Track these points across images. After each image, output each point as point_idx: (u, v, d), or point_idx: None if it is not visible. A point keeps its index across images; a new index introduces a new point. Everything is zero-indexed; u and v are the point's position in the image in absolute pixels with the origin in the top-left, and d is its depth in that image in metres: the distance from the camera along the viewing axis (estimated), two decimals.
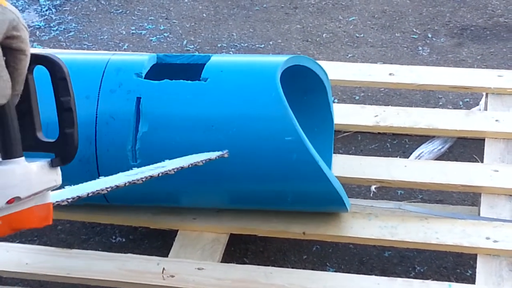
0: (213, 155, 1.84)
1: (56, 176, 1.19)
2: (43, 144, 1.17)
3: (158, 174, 1.67)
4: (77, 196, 1.47)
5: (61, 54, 2.26)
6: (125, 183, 1.60)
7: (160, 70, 2.01)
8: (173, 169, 1.71)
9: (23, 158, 1.14)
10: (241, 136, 1.89)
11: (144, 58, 2.03)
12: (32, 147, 1.17)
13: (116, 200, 2.05)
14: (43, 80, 1.19)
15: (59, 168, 1.19)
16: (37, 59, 1.14)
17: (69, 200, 1.45)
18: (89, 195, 1.52)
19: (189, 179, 1.91)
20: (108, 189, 1.56)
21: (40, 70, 1.18)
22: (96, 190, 1.53)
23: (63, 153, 1.17)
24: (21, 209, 1.15)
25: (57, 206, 1.44)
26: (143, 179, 1.63)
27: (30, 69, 1.13)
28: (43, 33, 3.57)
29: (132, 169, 1.74)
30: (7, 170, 1.12)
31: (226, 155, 1.87)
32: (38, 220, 1.19)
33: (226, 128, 1.89)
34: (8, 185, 1.12)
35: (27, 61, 1.11)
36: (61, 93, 1.16)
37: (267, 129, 1.88)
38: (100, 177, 1.70)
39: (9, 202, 1.12)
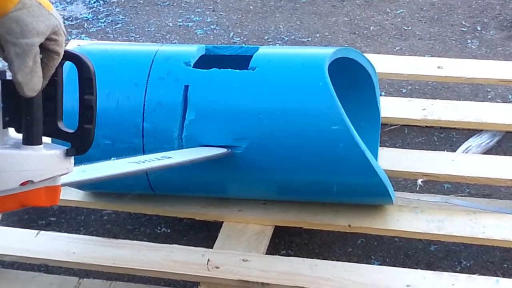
0: (215, 151, 1.88)
1: (69, 164, 1.26)
2: (62, 133, 1.24)
3: (160, 166, 1.76)
4: (80, 180, 1.61)
5: (111, 45, 2.30)
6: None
7: (208, 62, 2.02)
8: (176, 163, 1.79)
9: (41, 146, 1.22)
10: (288, 125, 1.89)
11: (193, 49, 2.05)
12: (52, 134, 1.24)
13: (162, 190, 2.06)
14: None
15: (72, 157, 1.27)
16: (68, 56, 1.22)
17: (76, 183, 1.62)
18: (94, 180, 1.65)
19: (235, 169, 1.92)
20: (110, 177, 1.67)
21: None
22: (100, 176, 1.65)
23: (79, 145, 1.24)
24: (32, 189, 1.24)
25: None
26: (144, 170, 1.75)
27: (60, 64, 1.21)
28: (91, 25, 3.59)
29: None
30: (26, 155, 1.21)
31: (228, 154, 1.90)
32: (46, 200, 1.27)
33: (273, 117, 1.89)
34: (24, 169, 1.21)
35: (58, 60, 1.20)
36: (85, 91, 1.23)
37: (314, 118, 1.88)
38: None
39: (22, 184, 1.21)
